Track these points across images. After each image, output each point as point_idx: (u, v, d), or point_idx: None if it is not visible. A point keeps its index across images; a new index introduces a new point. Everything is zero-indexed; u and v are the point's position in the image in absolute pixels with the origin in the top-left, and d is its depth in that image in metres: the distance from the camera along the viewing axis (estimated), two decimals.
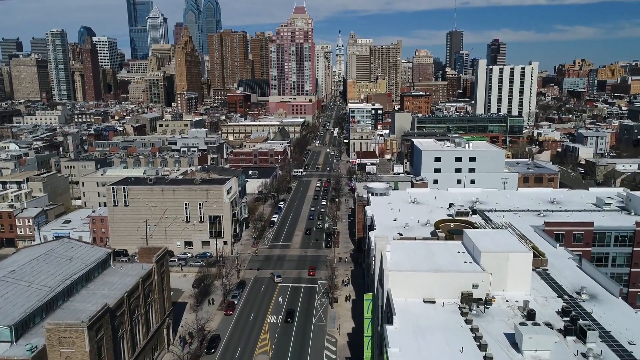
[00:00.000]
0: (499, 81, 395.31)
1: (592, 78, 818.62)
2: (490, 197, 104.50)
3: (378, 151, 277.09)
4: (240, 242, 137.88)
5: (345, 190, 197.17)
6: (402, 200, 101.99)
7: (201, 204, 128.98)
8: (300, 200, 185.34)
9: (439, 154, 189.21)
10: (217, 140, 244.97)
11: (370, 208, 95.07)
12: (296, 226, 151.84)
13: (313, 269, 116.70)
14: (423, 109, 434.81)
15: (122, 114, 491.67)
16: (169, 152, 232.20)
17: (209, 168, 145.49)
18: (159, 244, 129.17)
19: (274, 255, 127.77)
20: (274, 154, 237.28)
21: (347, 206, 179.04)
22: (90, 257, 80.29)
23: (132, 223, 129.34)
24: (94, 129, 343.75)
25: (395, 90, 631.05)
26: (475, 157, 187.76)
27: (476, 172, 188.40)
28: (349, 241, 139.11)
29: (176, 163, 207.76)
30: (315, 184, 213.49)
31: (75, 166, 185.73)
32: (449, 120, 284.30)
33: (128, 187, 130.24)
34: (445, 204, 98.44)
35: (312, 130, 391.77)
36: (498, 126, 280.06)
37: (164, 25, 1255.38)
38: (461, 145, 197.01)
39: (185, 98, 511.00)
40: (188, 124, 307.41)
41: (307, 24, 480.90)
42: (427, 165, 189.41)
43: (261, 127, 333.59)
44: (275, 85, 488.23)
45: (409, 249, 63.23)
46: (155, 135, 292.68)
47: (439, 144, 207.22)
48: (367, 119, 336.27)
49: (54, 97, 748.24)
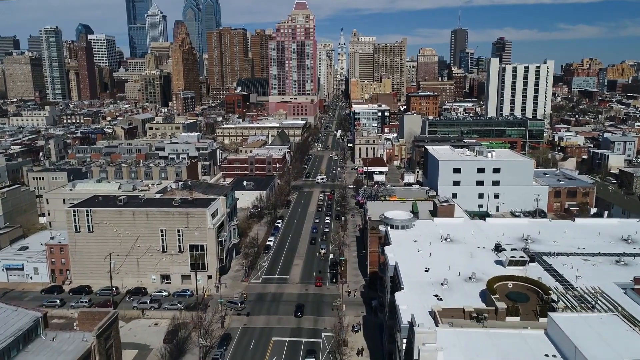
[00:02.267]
0: (512, 81, 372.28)
1: (602, 77, 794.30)
2: (542, 230, 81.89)
3: (386, 157, 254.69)
4: (228, 274, 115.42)
5: (351, 204, 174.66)
6: (431, 235, 79.59)
7: (180, 231, 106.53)
8: (300, 218, 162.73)
9: (459, 164, 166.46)
10: (210, 146, 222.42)
11: (391, 250, 72.61)
12: (295, 252, 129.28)
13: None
14: (431, 109, 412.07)
15: (115, 114, 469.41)
16: (155, 159, 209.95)
17: (192, 184, 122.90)
18: (128, 280, 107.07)
19: (268, 294, 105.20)
20: (272, 161, 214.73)
21: (355, 223, 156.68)
22: (9, 327, 57.95)
23: (97, 253, 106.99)
24: (80, 132, 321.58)
25: (399, 90, 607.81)
26: (500, 168, 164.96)
27: (501, 185, 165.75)
28: (358, 272, 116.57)
29: (162, 172, 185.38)
30: (317, 196, 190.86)
31: (44, 177, 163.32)
32: (463, 123, 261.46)
33: (92, 209, 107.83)
34: (487, 241, 76.07)
35: (313, 132, 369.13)
36: (517, 130, 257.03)
37: (163, 23, 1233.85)
38: (483, 154, 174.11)
39: (181, 98, 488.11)
40: (180, 127, 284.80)
41: (308, 20, 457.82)
42: (445, 176, 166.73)
43: (259, 130, 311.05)
44: (276, 85, 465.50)
45: (469, 346, 40.84)
46: (144, 140, 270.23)
47: (456, 152, 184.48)
48: (373, 121, 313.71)
49: (48, 96, 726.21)
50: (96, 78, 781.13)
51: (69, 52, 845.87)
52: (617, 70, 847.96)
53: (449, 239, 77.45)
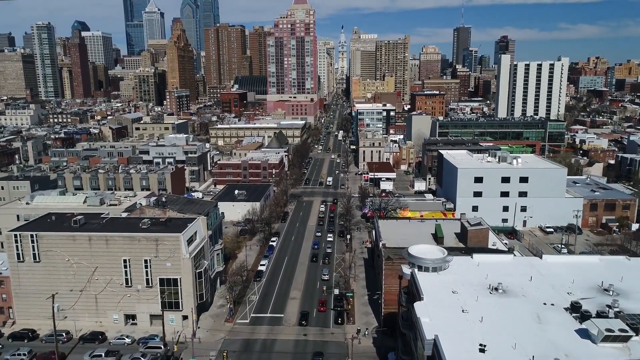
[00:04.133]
0: (525, 79, 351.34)
1: (610, 76, 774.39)
2: (625, 273, 60.71)
3: (392, 161, 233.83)
4: (209, 310, 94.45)
5: (357, 217, 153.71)
6: (474, 283, 58.56)
7: (148, 261, 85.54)
8: (299, 234, 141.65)
9: (481, 172, 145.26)
10: (200, 149, 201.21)
11: (424, 310, 51.44)
12: (292, 281, 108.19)
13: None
14: (437, 109, 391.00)
15: (106, 113, 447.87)
16: (138, 164, 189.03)
17: (167, 200, 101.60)
18: (85, 322, 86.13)
19: (257, 342, 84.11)
20: (268, 166, 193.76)
21: (361, 239, 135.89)
22: None
23: (45, 288, 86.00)
24: (64, 132, 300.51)
25: (403, 89, 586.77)
26: (528, 177, 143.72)
27: (529, 197, 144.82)
28: (368, 309, 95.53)
29: (143, 180, 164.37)
30: (318, 206, 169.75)
31: (5, 187, 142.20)
32: (477, 124, 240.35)
33: (39, 234, 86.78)
34: (553, 293, 55.12)
35: (313, 133, 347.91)
36: (535, 132, 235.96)
37: (161, 20, 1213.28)
38: (507, 160, 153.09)
39: (175, 96, 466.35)
40: (169, 128, 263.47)
41: (308, 15, 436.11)
42: (465, 186, 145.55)
43: (256, 131, 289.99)
44: (274, 83, 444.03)
45: None
46: (129, 141, 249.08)
47: (475, 157, 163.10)
48: (378, 121, 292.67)
49: (40, 95, 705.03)
50: (90, 76, 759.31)
51: (64, 49, 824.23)
52: (624, 69, 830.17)
53: (500, 288, 56.42)
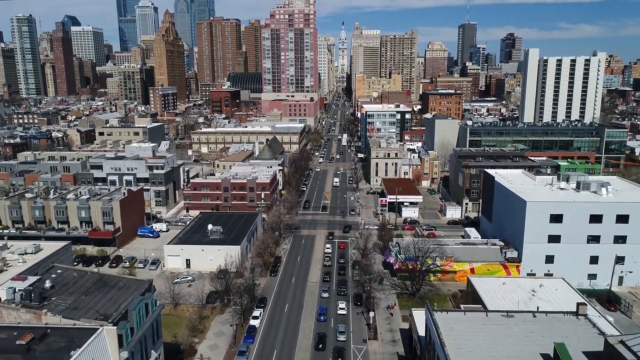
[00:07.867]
0: (556, 77, 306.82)
1: (627, 75, 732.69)
2: None
3: (412, 176, 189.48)
4: None
5: (377, 265, 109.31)
6: None
7: None
8: (295, 300, 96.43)
9: (560, 208, 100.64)
10: (169, 163, 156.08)
11: None
12: None
13: None
14: (453, 110, 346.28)
15: (83, 112, 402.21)
16: (87, 183, 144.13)
17: (54, 283, 57.10)
18: None
19: None
20: (257, 186, 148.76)
21: (386, 303, 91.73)
22: None
23: None
24: (20, 136, 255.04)
25: (410, 87, 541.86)
26: (629, 215, 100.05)
27: (628, 243, 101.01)
28: None
29: (82, 211, 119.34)
30: (322, 245, 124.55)
31: None
32: (516, 131, 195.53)
33: None
34: None
35: (314, 138, 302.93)
36: (588, 142, 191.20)
37: (154, 14, 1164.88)
38: (590, 188, 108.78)
39: (159, 94, 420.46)
40: (140, 133, 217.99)
41: (308, 4, 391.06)
42: (536, 228, 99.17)
43: (246, 136, 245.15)
44: (269, 80, 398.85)
45: None
46: (89, 149, 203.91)
47: (539, 181, 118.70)
48: (390, 125, 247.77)
49: (21, 92, 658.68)
50: (75, 72, 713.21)
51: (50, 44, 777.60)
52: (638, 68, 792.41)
53: None
